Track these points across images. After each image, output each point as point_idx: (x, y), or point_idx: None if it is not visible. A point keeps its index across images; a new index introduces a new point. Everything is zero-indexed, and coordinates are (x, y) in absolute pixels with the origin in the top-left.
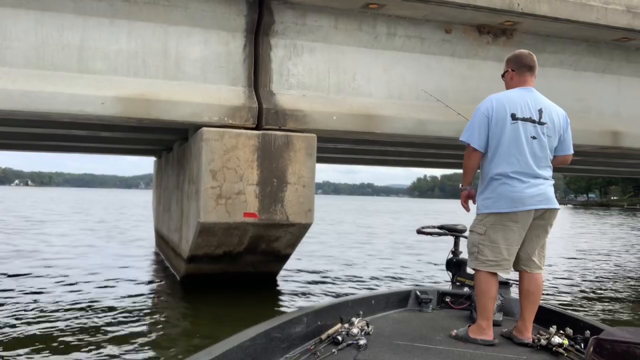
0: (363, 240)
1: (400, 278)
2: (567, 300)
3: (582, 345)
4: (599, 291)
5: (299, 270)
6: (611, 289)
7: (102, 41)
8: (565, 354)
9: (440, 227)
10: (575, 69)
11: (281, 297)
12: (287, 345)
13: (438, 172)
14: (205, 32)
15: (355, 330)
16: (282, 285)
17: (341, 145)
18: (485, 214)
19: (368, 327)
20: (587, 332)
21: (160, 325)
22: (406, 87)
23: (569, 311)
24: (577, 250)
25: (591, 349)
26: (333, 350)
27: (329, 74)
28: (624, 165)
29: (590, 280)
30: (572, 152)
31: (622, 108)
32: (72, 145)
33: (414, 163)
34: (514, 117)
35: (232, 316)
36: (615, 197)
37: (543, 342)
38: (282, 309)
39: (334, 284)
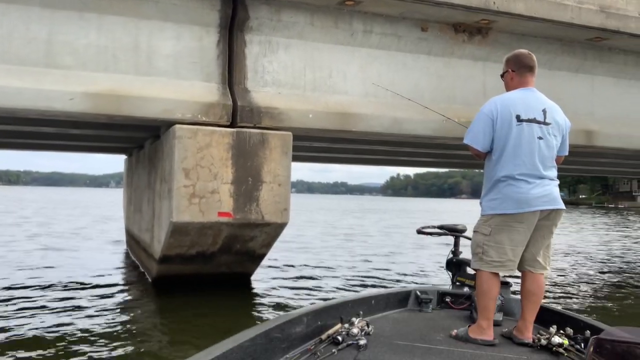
0: (342, 241)
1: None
2: (565, 299)
3: (582, 345)
4: (596, 290)
5: (274, 271)
6: (608, 288)
7: (71, 35)
8: (566, 354)
9: (440, 227)
10: (550, 68)
11: (256, 298)
12: (287, 346)
13: (411, 171)
14: (178, 27)
15: (355, 331)
16: (257, 286)
17: (316, 144)
18: (491, 214)
19: (368, 327)
20: (587, 332)
21: (131, 329)
22: (382, 85)
23: (569, 311)
24: (571, 249)
25: (591, 348)
26: (333, 351)
27: (305, 71)
28: (595, 164)
29: (586, 279)
30: (567, 153)
31: (596, 107)
32: (41, 142)
33: (388, 161)
34: (518, 118)
35: (206, 319)
36: (583, 196)
37: (543, 342)
38: (258, 310)
39: (311, 285)
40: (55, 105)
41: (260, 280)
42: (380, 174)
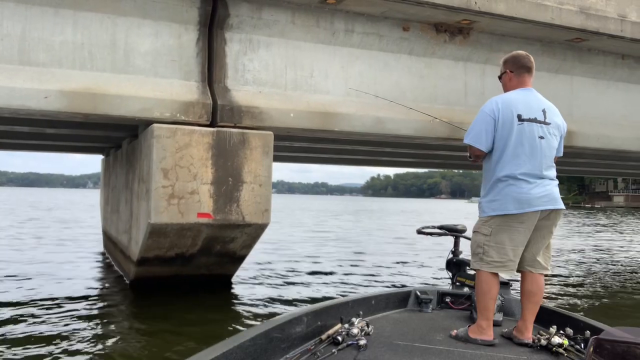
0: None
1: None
2: (563, 299)
3: (582, 345)
4: (595, 290)
5: (260, 273)
6: (608, 288)
7: (46, 32)
8: (565, 354)
9: (440, 227)
10: None
11: (236, 300)
12: (287, 346)
13: (391, 171)
14: (157, 24)
15: (355, 331)
16: (238, 288)
17: (297, 144)
18: (491, 215)
19: (368, 327)
20: (587, 332)
21: (108, 334)
22: (364, 84)
23: (569, 311)
24: (568, 249)
25: (591, 349)
26: (333, 351)
27: (286, 70)
28: (573, 164)
29: (585, 279)
30: (562, 154)
31: (575, 108)
32: (15, 142)
33: (369, 162)
34: (520, 118)
35: (184, 322)
36: (560, 196)
37: (543, 342)
38: (239, 312)
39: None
40: (29, 103)
41: (243, 282)
42: (360, 174)
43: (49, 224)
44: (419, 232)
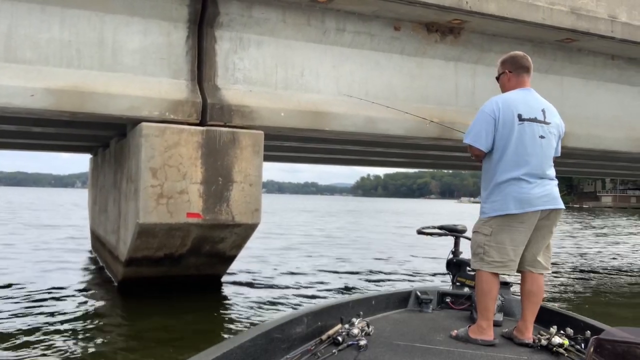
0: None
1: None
2: (564, 299)
3: (583, 345)
4: (595, 290)
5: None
6: (608, 288)
7: (33, 29)
8: (566, 354)
9: (440, 228)
10: None
11: (226, 301)
12: (288, 346)
13: (381, 171)
14: (145, 21)
15: (355, 331)
16: (228, 289)
17: (287, 143)
18: (492, 216)
19: (368, 327)
20: (588, 332)
21: (95, 336)
22: (355, 84)
23: (570, 311)
24: (567, 249)
25: (591, 349)
26: (333, 351)
27: (277, 69)
28: (562, 164)
29: (585, 279)
30: (559, 154)
31: (565, 108)
32: (2, 141)
33: (359, 162)
34: (520, 117)
35: (175, 324)
36: None
37: (543, 342)
38: (228, 313)
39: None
40: (14, 101)
41: (234, 283)
42: (350, 174)
43: (36, 224)
44: (419, 232)
